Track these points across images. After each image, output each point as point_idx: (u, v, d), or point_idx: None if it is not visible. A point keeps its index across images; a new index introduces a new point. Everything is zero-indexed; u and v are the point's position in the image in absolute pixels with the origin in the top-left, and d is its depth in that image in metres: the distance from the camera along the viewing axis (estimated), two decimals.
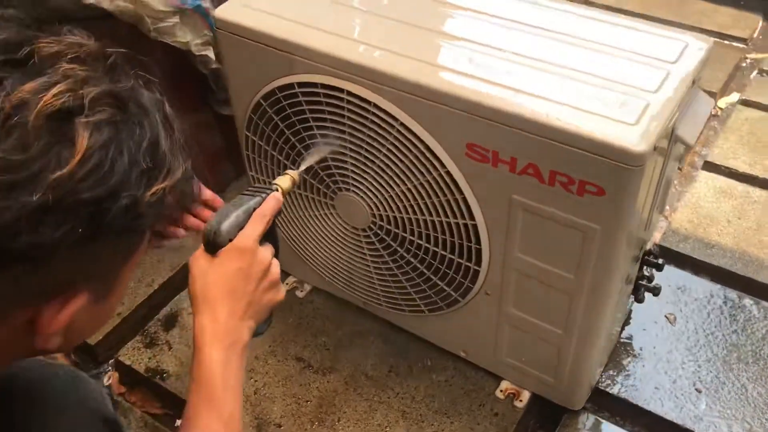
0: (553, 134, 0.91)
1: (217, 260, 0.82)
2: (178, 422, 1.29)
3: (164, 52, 1.39)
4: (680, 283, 1.45)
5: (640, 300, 1.24)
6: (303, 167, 1.09)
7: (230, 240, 0.82)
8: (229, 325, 0.80)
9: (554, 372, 1.19)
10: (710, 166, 1.75)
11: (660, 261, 1.23)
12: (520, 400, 1.26)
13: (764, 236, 1.55)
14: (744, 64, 2.18)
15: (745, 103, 1.98)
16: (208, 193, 1.01)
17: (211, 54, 1.43)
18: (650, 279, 1.26)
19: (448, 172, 1.03)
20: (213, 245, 0.82)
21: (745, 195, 1.66)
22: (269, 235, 0.87)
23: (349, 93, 1.05)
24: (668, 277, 1.42)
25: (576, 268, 1.02)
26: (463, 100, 0.95)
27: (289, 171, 0.99)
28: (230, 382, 0.78)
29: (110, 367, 1.39)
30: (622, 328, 1.36)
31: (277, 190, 0.92)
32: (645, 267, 1.24)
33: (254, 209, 0.86)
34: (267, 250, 0.85)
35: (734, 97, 2.02)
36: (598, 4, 2.27)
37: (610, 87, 0.94)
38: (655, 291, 1.26)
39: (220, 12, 1.14)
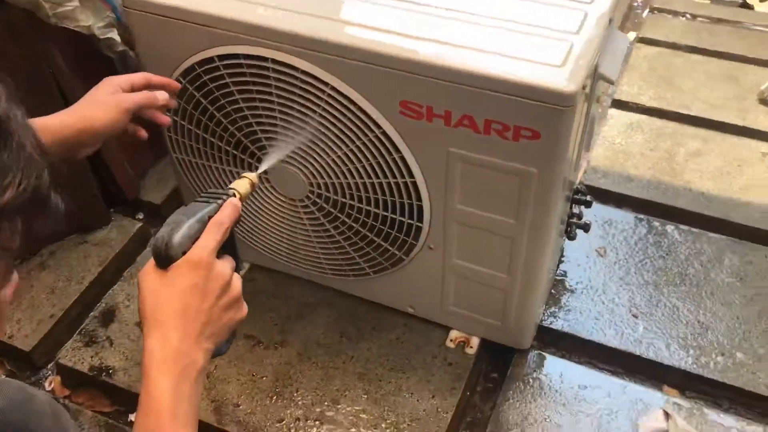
0: (484, 83, 0.92)
1: (168, 276, 0.74)
2: (132, 417, 1.27)
3: (66, 38, 1.32)
4: (606, 217, 1.51)
5: (572, 237, 1.29)
6: (261, 169, 1.06)
7: (183, 253, 0.75)
8: (182, 348, 0.72)
9: (501, 315, 1.23)
10: (619, 104, 1.82)
11: (588, 198, 1.28)
12: (471, 347, 1.29)
13: (676, 165, 1.64)
14: (636, 4, 2.27)
15: (642, 40, 2.07)
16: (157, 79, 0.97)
17: (115, 36, 1.37)
18: (580, 216, 1.31)
19: (384, 132, 1.03)
20: (164, 259, 0.74)
21: (653, 127, 1.75)
22: (228, 246, 0.80)
23: (275, 61, 1.03)
24: (594, 212, 1.48)
25: (516, 212, 1.05)
26: (393, 57, 0.95)
27: (246, 174, 0.93)
28: (180, 412, 0.69)
29: (50, 372, 1.34)
30: (558, 266, 1.42)
31: (234, 196, 0.86)
32: (574, 205, 1.29)
33: (209, 217, 0.79)
34: (225, 264, 0.77)
35: (632, 35, 2.10)
36: None
37: (534, 32, 0.96)
38: (586, 227, 1.31)
39: None
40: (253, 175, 0.94)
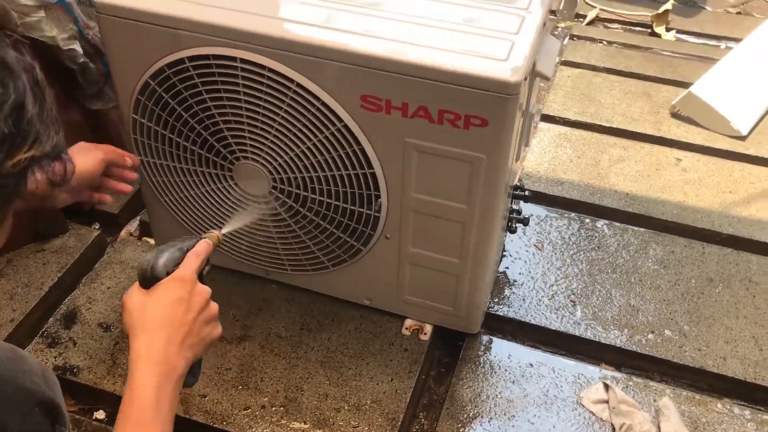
0: (438, 75, 1.03)
1: (155, 291, 0.85)
2: (98, 414, 1.29)
3: (31, 49, 1.37)
4: (541, 215, 1.64)
5: (513, 231, 1.40)
6: (226, 230, 1.15)
7: (168, 273, 0.87)
8: (167, 352, 0.81)
9: (453, 301, 1.32)
10: (547, 118, 1.98)
11: (527, 192, 1.40)
12: (425, 333, 1.38)
13: (601, 170, 1.79)
14: (557, 32, 2.45)
15: (565, 63, 2.24)
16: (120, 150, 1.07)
17: (77, 47, 1.42)
18: (519, 212, 1.43)
19: (345, 126, 1.12)
20: (150, 279, 0.86)
21: (579, 138, 1.90)
22: (200, 279, 0.91)
23: (243, 60, 1.11)
24: (530, 211, 1.61)
25: (467, 197, 1.15)
26: (355, 54, 1.05)
27: (213, 230, 1.03)
28: (163, 408, 0.78)
29: None
30: (500, 260, 1.53)
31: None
32: (514, 201, 1.41)
33: (188, 249, 0.92)
34: (205, 287, 0.89)
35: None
36: None
37: (479, 33, 1.08)
38: (525, 221, 1.43)
39: None
40: (218, 232, 1.03)
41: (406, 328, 1.39)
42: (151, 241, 1.56)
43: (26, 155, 0.58)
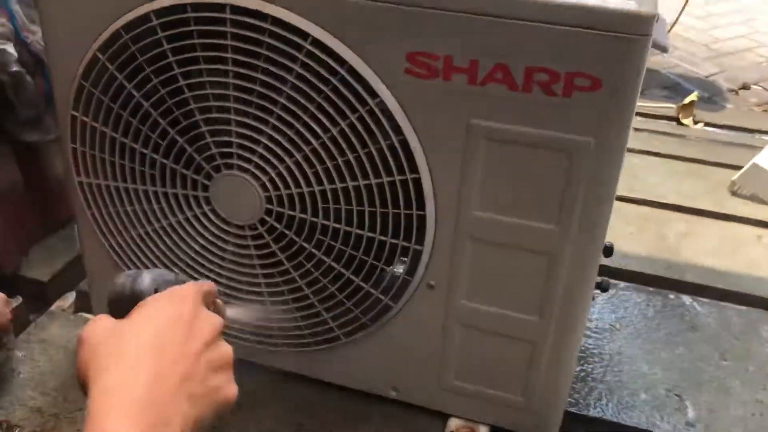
0: (530, 11, 0.69)
1: (138, 311, 0.54)
2: None
3: None
4: (610, 291, 1.26)
5: (605, 288, 1.02)
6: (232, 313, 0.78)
7: (156, 291, 0.57)
8: (156, 392, 0.47)
9: (524, 386, 0.91)
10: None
11: (607, 243, 1.03)
12: None
13: (670, 244, 1.44)
14: None
15: None
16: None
17: (10, 49, 1.08)
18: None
19: (381, 104, 0.77)
20: (128, 299, 0.55)
21: (634, 212, 1.59)
22: None
23: (235, 9, 0.77)
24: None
25: (558, 212, 0.78)
26: None
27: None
28: None
29: None
30: None
31: None
32: None
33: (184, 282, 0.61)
34: (216, 315, 0.58)
35: None
36: None
37: None
38: (604, 286, 1.04)
39: None
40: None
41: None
42: (90, 316, 1.14)
43: None
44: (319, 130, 0.79)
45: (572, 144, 0.74)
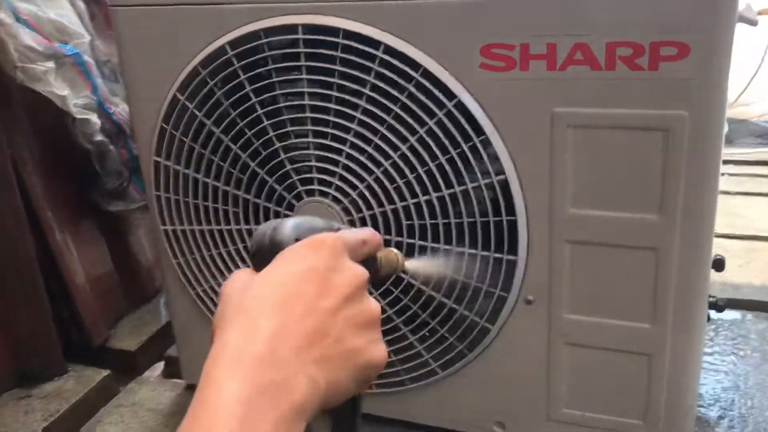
0: None
1: (271, 264, 0.48)
2: None
3: (32, 108, 1.08)
4: (726, 318, 1.16)
5: (720, 308, 0.93)
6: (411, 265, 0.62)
7: (297, 240, 0.49)
8: (274, 351, 0.42)
9: (644, 408, 0.82)
10: None
11: (717, 256, 0.95)
12: None
13: None
14: None
15: None
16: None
17: (94, 119, 1.12)
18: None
19: (459, 104, 0.75)
20: (269, 250, 0.49)
21: (738, 246, 1.51)
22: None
23: (307, 28, 0.78)
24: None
25: (660, 199, 0.72)
26: None
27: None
28: None
29: None
30: None
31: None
32: None
33: (338, 229, 0.51)
34: (361, 267, 0.49)
35: None
36: None
37: None
38: (719, 305, 0.95)
39: None
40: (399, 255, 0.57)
41: None
42: (181, 382, 1.12)
43: None
44: (397, 141, 0.78)
45: (665, 120, 0.69)
